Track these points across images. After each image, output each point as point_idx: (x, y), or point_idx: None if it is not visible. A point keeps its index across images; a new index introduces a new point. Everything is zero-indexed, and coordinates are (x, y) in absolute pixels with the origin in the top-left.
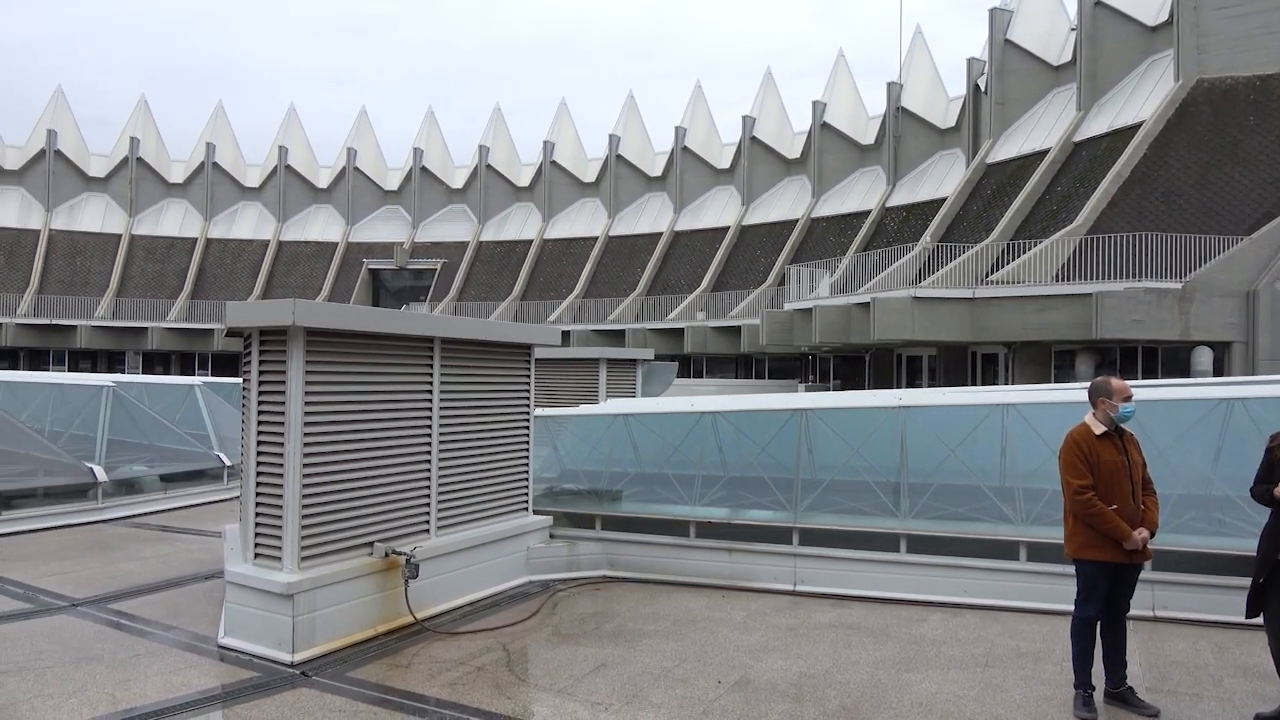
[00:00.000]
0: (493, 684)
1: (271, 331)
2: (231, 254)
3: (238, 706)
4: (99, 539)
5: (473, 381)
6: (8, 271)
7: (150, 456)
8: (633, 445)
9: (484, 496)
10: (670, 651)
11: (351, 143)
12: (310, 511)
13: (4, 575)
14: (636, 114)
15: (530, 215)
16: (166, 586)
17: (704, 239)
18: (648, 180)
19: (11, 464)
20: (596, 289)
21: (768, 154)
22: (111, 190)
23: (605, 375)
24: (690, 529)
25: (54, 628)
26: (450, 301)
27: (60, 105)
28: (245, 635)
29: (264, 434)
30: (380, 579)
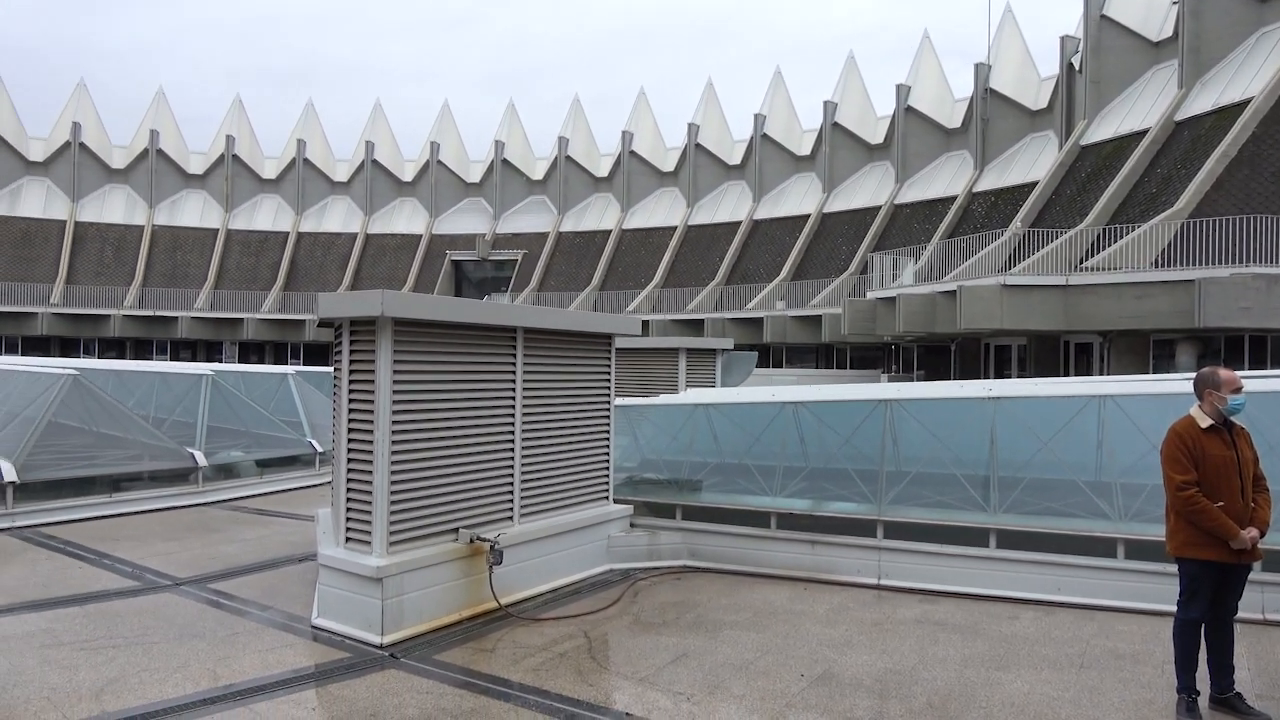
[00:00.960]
0: (575, 670)
1: (361, 322)
2: (321, 247)
3: (330, 686)
4: (200, 521)
5: (555, 371)
6: (115, 266)
7: (247, 442)
8: (713, 435)
9: (565, 485)
10: (751, 643)
11: (435, 136)
12: (398, 497)
13: (114, 554)
14: (715, 102)
15: (609, 205)
16: (263, 568)
17: (784, 227)
18: (726, 168)
19: (120, 449)
20: (675, 279)
21: (849, 140)
22: (209, 187)
23: (684, 365)
24: (771, 520)
25: (159, 605)
26: (530, 292)
27: (161, 106)
28: (337, 616)
29: (354, 422)
30: (465, 564)
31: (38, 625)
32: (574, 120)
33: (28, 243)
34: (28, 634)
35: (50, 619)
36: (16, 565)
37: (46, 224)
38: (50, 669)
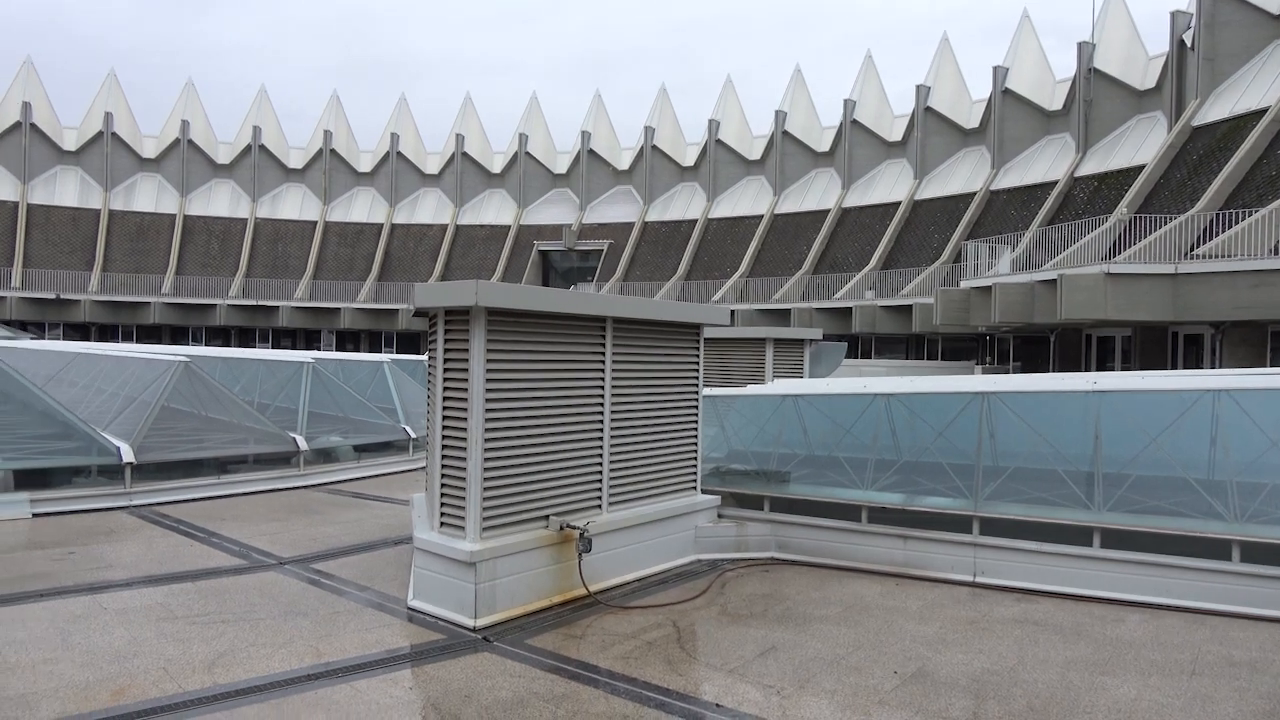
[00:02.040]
0: (664, 659)
1: (455, 311)
2: (414, 238)
3: (426, 666)
4: (301, 503)
5: (643, 360)
6: (221, 257)
7: (344, 428)
8: (802, 427)
9: (653, 474)
10: (842, 638)
11: (523, 128)
12: (491, 484)
13: (222, 533)
14: (804, 88)
15: (695, 195)
16: (360, 549)
17: (873, 215)
18: (815, 156)
19: (227, 433)
20: (761, 268)
21: (943, 125)
22: (308, 180)
23: (772, 355)
24: (862, 514)
25: (265, 583)
26: (616, 281)
27: (264, 103)
28: (432, 599)
29: (448, 409)
30: (555, 551)
31: (154, 599)
32: (660, 109)
33: (141, 236)
34: (145, 607)
35: (165, 593)
36: (134, 542)
37: (158, 218)
38: (166, 641)
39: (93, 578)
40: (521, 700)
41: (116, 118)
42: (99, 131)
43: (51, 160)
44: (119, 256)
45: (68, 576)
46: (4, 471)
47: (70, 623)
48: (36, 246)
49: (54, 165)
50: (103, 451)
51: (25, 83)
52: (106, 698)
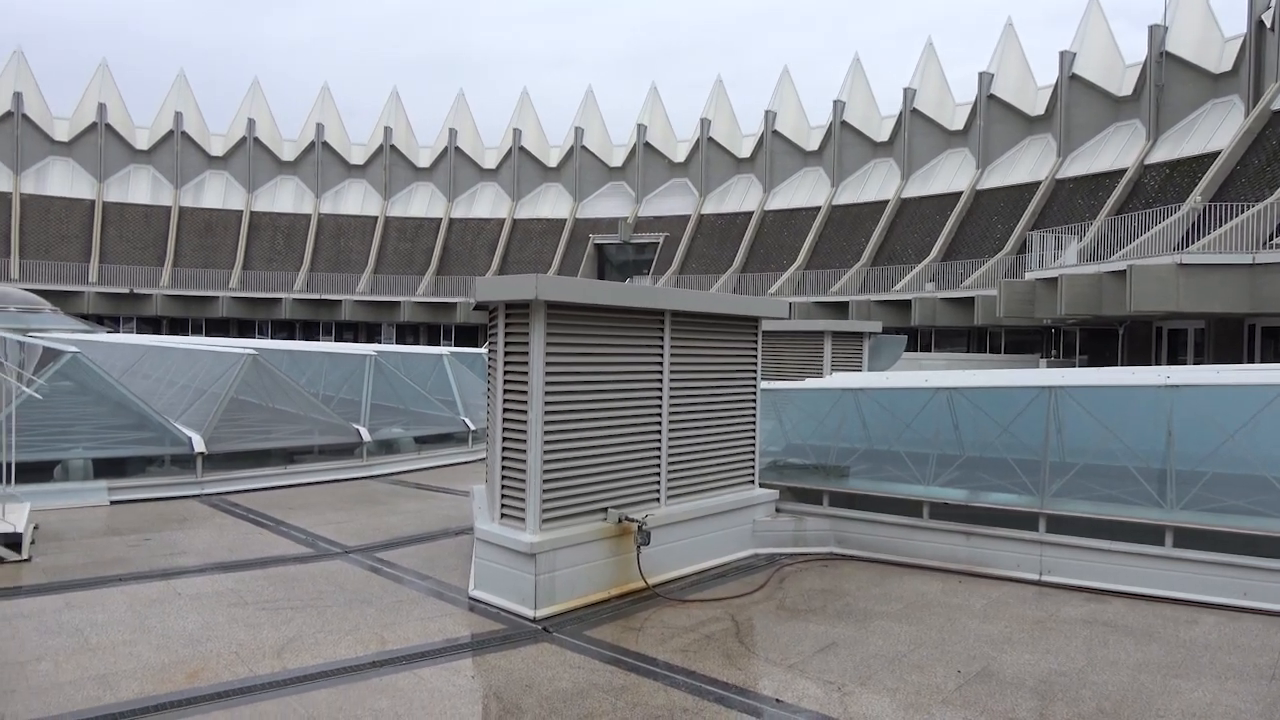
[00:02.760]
0: (723, 653)
1: (515, 305)
2: (472, 232)
3: (487, 655)
4: (364, 493)
5: (701, 353)
6: (285, 252)
7: (406, 420)
8: (861, 420)
9: (711, 468)
10: (904, 635)
11: (579, 122)
12: (550, 476)
13: (289, 521)
14: (862, 77)
15: (751, 187)
16: (422, 539)
17: (934, 205)
18: (873, 146)
19: (293, 424)
20: (818, 260)
21: (1007, 112)
22: (369, 176)
23: (830, 348)
24: (924, 509)
25: (331, 571)
26: (672, 274)
27: (326, 100)
28: (492, 589)
29: (508, 402)
30: (614, 544)
31: (226, 585)
32: (716, 101)
33: (210, 232)
34: (217, 593)
35: (236, 580)
36: (206, 529)
37: (226, 214)
38: (237, 626)
39: (167, 564)
40: (582, 691)
41: (186, 117)
42: (169, 130)
43: (125, 159)
44: (188, 252)
45: (144, 562)
46: (84, 460)
47: (147, 607)
48: (111, 243)
49: (127, 164)
50: (176, 442)
51: (100, 85)
52: (182, 679)
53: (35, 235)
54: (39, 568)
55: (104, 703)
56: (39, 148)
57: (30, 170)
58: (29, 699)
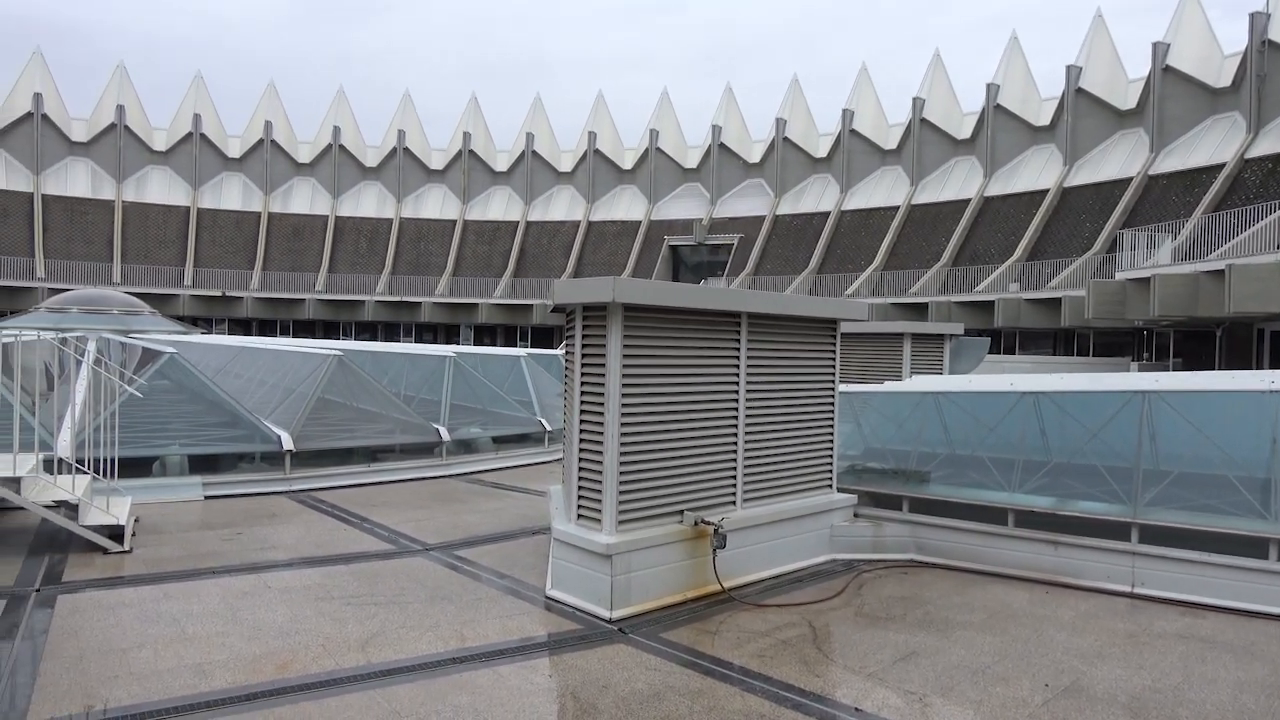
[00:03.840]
0: (799, 659)
1: (593, 308)
2: (548, 234)
3: (564, 655)
4: (444, 492)
5: (778, 356)
6: (368, 256)
7: (484, 420)
8: (943, 425)
9: (788, 471)
10: (988, 646)
11: (653, 124)
12: (627, 477)
13: (372, 519)
14: (943, 73)
15: (828, 187)
16: (500, 538)
17: (1018, 204)
18: (954, 143)
19: (376, 423)
20: (897, 260)
21: (1095, 106)
22: (449, 181)
23: (909, 350)
24: (1008, 517)
25: (412, 568)
26: (746, 276)
27: (407, 107)
28: (569, 589)
29: (585, 404)
30: (690, 546)
31: (313, 579)
32: (792, 101)
33: (297, 236)
34: (305, 587)
35: (323, 574)
36: (295, 525)
37: (312, 219)
38: (324, 620)
39: (257, 558)
40: (658, 693)
41: (275, 126)
42: (260, 139)
43: (218, 167)
44: (277, 256)
45: (236, 556)
46: (180, 457)
47: (239, 599)
48: (205, 248)
49: (220, 172)
50: (265, 439)
51: (195, 97)
52: (272, 670)
53: (135, 241)
54: (139, 559)
55: (199, 691)
56: (139, 158)
57: (131, 179)
58: (130, 685)
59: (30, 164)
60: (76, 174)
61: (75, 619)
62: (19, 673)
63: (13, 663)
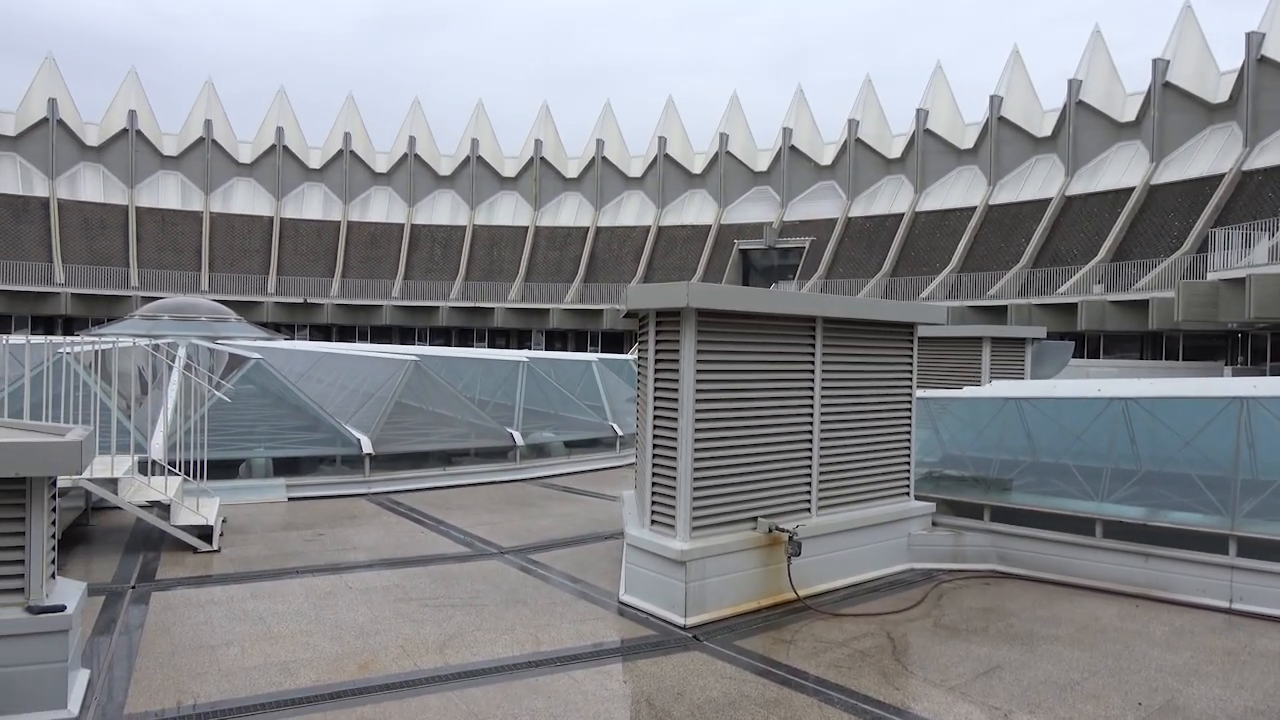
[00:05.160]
0: (878, 670)
1: (666, 313)
2: (618, 240)
3: (638, 661)
4: (517, 495)
5: (854, 361)
6: (443, 263)
7: (556, 424)
8: (1026, 431)
9: (864, 478)
10: (1076, 661)
11: (723, 127)
12: (700, 483)
13: (448, 521)
14: (1021, 69)
15: (901, 188)
16: (573, 543)
17: (1101, 202)
18: (1034, 141)
19: (451, 427)
20: (974, 262)
21: (1185, 100)
22: (520, 188)
23: (989, 355)
24: (1096, 527)
25: (487, 571)
26: (818, 279)
27: (480, 116)
28: (642, 595)
29: (659, 409)
30: (764, 554)
31: (392, 581)
32: (864, 101)
33: (374, 244)
34: (384, 588)
35: (401, 576)
36: (374, 527)
37: (389, 227)
38: (402, 621)
39: (339, 558)
40: (733, 702)
41: (354, 137)
42: (339, 150)
43: (300, 178)
44: (355, 263)
45: (318, 556)
46: (265, 459)
47: (322, 599)
48: (287, 256)
49: (302, 182)
50: (346, 443)
51: (279, 111)
52: (354, 670)
53: (222, 250)
54: (227, 558)
55: (285, 688)
56: (225, 170)
57: (217, 191)
58: (220, 681)
59: (125, 178)
60: (167, 187)
61: (168, 616)
62: (116, 667)
63: (110, 657)
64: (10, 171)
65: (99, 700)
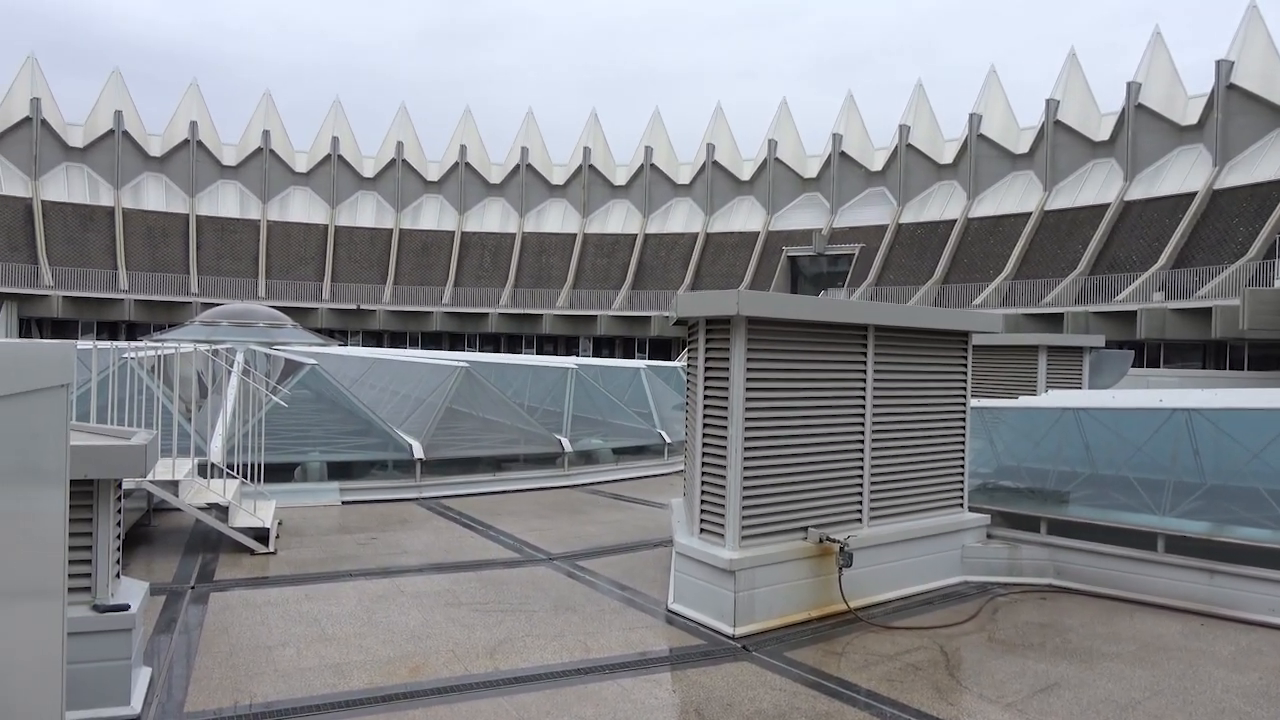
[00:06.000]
0: (931, 685)
1: (716, 321)
2: (665, 247)
3: (687, 670)
4: (565, 502)
5: (907, 369)
6: (492, 270)
7: (604, 431)
8: (1084, 442)
9: (917, 489)
10: (1138, 681)
11: (772, 134)
12: (750, 492)
13: (497, 527)
14: (1078, 72)
15: (953, 194)
16: (621, 550)
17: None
18: (1092, 146)
19: (500, 433)
20: (1028, 269)
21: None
22: (569, 195)
23: (1045, 364)
24: (1158, 542)
25: (536, 577)
26: (868, 286)
27: (530, 125)
28: (691, 604)
29: (709, 417)
30: (814, 564)
31: (443, 585)
32: (915, 106)
33: (425, 252)
34: (435, 592)
35: (451, 580)
36: (425, 531)
37: (440, 235)
38: (454, 626)
39: (391, 562)
40: (783, 714)
41: (406, 146)
42: (392, 159)
43: (353, 187)
44: (407, 270)
45: (371, 560)
46: (320, 463)
47: (374, 602)
48: (341, 263)
49: (355, 191)
50: (398, 448)
51: (334, 121)
52: (405, 673)
53: (278, 257)
54: (283, 560)
55: (338, 690)
56: (282, 179)
57: (274, 199)
58: (275, 682)
59: (187, 187)
60: (226, 196)
61: (226, 616)
62: (176, 665)
63: (171, 656)
64: (79, 182)
65: (160, 698)
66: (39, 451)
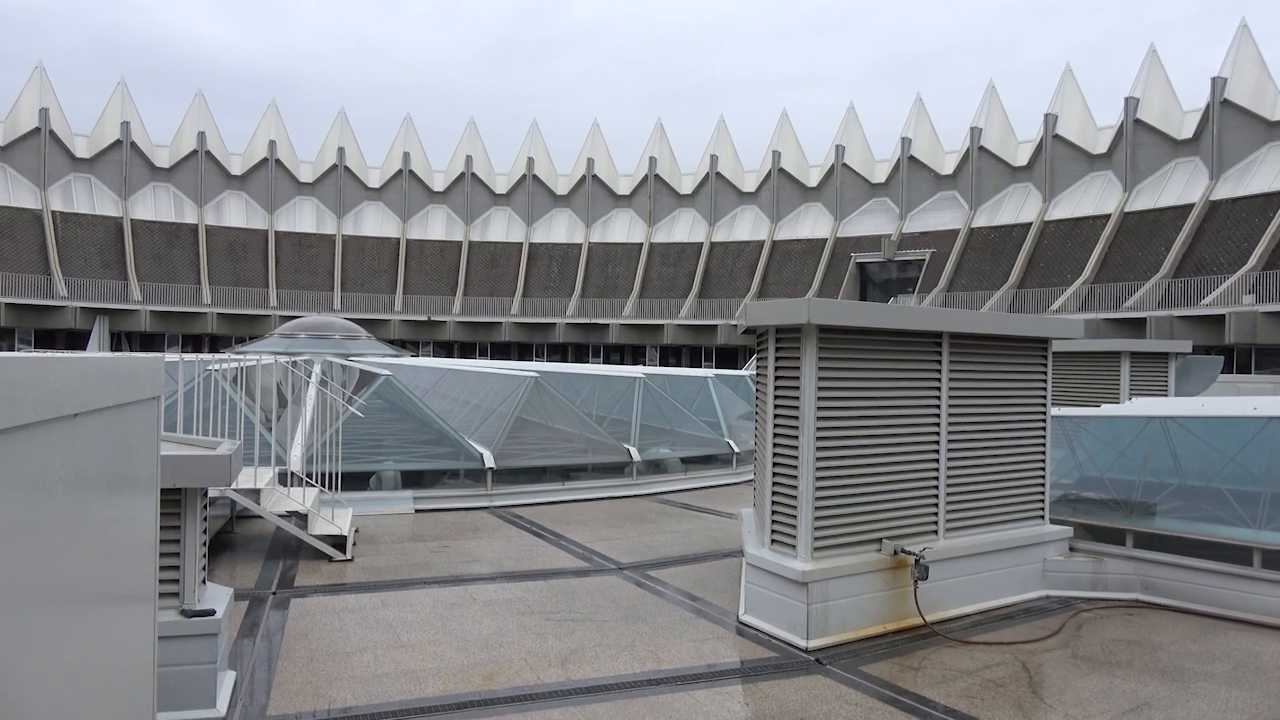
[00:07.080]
0: (1013, 703)
1: (786, 330)
2: (731, 255)
3: (760, 683)
4: (634, 511)
5: (983, 377)
6: (559, 280)
7: (672, 440)
8: (1172, 452)
9: (995, 500)
10: (1234, 702)
11: (838, 139)
12: (822, 503)
13: (567, 536)
14: (1159, 69)
15: (1028, 196)
16: (690, 560)
17: (1252, 207)
18: (1174, 145)
19: (569, 442)
20: (1108, 273)
21: None
22: (635, 205)
23: (1128, 370)
24: (1254, 557)
25: (606, 587)
26: (939, 292)
27: (596, 136)
28: (762, 615)
29: (779, 427)
30: (889, 576)
31: (514, 594)
32: (987, 107)
33: (494, 263)
34: (507, 601)
35: (523, 589)
36: (496, 540)
37: (508, 246)
38: (525, 634)
39: (463, 570)
40: None
41: (475, 160)
42: (461, 173)
43: (424, 200)
44: (476, 282)
45: (444, 568)
46: (394, 472)
47: (448, 610)
48: (413, 275)
49: (425, 205)
50: (470, 457)
51: (405, 137)
52: (479, 681)
53: (353, 271)
54: (360, 567)
55: (414, 697)
56: (356, 194)
57: (349, 214)
58: (354, 687)
59: (265, 204)
60: (304, 212)
61: (305, 622)
62: (258, 670)
63: (253, 660)
64: (165, 201)
65: (243, 701)
66: (133, 461)
